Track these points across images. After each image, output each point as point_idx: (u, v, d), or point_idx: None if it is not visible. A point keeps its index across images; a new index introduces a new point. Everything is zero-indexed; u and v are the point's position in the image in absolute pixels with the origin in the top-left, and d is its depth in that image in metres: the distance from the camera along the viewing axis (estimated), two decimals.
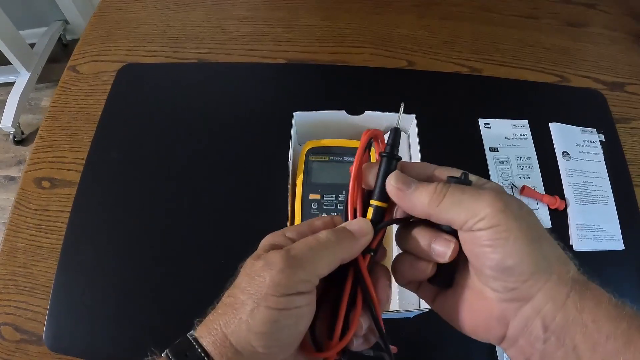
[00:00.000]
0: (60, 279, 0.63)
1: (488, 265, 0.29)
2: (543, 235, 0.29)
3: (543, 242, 0.28)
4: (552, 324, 0.27)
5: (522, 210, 0.29)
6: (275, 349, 0.29)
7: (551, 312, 0.27)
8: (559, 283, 0.27)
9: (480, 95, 0.81)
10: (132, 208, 0.68)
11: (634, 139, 0.78)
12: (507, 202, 0.28)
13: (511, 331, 0.29)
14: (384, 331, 0.33)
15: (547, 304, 0.27)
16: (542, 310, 0.27)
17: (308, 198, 0.59)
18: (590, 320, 0.26)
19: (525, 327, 0.28)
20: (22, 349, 0.60)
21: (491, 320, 0.30)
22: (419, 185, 0.31)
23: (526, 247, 0.27)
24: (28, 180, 0.71)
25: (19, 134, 1.79)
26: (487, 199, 0.28)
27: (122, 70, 0.82)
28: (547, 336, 0.27)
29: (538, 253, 0.28)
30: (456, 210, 0.29)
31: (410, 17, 0.91)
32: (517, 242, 0.27)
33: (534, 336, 0.28)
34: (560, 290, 0.27)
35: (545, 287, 0.27)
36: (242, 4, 0.93)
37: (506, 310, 0.29)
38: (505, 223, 0.27)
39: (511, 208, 0.28)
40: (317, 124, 0.64)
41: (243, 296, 0.29)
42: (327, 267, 0.30)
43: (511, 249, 0.27)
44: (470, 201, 0.28)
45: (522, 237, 0.27)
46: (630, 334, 0.25)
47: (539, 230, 0.29)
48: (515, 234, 0.27)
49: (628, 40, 0.91)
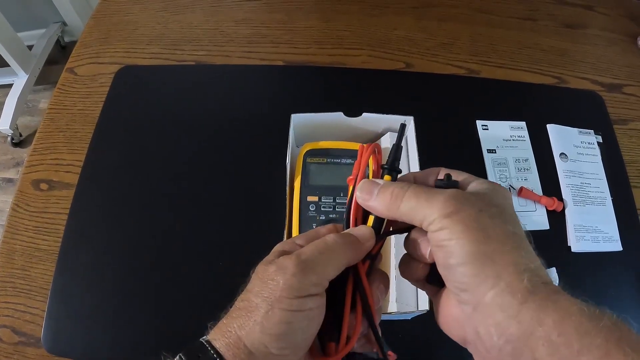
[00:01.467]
0: (58, 281, 0.63)
1: (440, 264, 0.30)
2: (501, 240, 0.28)
3: (495, 246, 0.27)
4: (506, 334, 0.26)
5: (480, 213, 0.28)
6: (287, 351, 0.29)
7: (503, 321, 0.26)
8: (507, 291, 0.26)
9: (478, 97, 0.81)
10: (130, 210, 0.68)
11: (632, 140, 0.78)
12: (459, 207, 0.28)
13: (468, 334, 0.29)
14: (381, 338, 0.34)
15: (498, 312, 0.26)
16: (494, 318, 0.27)
17: (306, 200, 0.59)
18: (555, 334, 0.25)
19: (478, 332, 0.28)
20: (20, 352, 0.60)
21: (452, 320, 0.32)
22: (380, 191, 0.32)
23: (468, 248, 0.27)
24: (26, 182, 0.71)
25: (16, 136, 1.79)
26: (438, 203, 0.29)
27: (120, 72, 0.82)
28: (502, 345, 0.26)
29: (482, 255, 0.27)
30: (413, 213, 0.30)
31: (408, 19, 0.92)
32: (460, 243, 0.28)
33: (489, 343, 0.27)
34: (510, 300, 0.26)
35: (492, 293, 0.27)
36: (240, 6, 0.93)
37: (462, 313, 0.30)
38: (450, 226, 0.28)
39: (462, 212, 0.28)
40: (315, 126, 0.64)
41: (257, 299, 0.30)
42: (335, 269, 0.31)
43: (454, 249, 0.28)
44: (424, 206, 0.30)
45: (467, 239, 0.27)
46: (608, 348, 0.23)
47: (497, 233, 0.28)
48: (459, 235, 0.28)
49: (626, 41, 0.92)
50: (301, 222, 0.58)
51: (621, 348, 0.23)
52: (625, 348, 0.23)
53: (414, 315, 0.53)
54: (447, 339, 0.33)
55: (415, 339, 0.60)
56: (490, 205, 0.30)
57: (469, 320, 0.29)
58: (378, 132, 0.66)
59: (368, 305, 0.33)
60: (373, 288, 0.34)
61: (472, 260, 0.27)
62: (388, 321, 0.59)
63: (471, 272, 0.27)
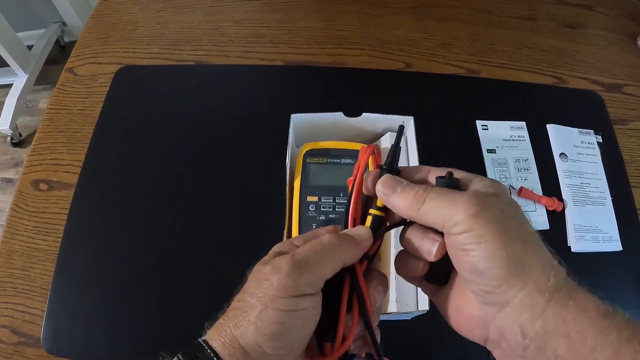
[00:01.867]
0: (58, 282, 0.63)
1: (464, 268, 0.29)
2: (524, 240, 0.28)
3: (521, 247, 0.28)
4: (531, 332, 0.27)
5: (502, 213, 0.28)
6: (283, 350, 0.29)
7: (529, 320, 0.27)
8: (535, 291, 0.27)
9: (478, 97, 0.81)
10: (130, 210, 0.68)
11: (632, 140, 0.78)
12: (483, 206, 0.28)
13: (492, 334, 0.29)
14: (377, 340, 0.34)
15: (525, 312, 0.27)
16: (520, 318, 0.27)
17: (306, 200, 0.59)
18: (574, 331, 0.25)
19: (504, 332, 0.28)
20: (19, 352, 0.60)
21: (473, 320, 0.31)
22: (403, 190, 0.32)
23: (498, 252, 0.27)
24: (25, 182, 0.71)
25: (16, 136, 1.79)
26: (462, 204, 0.28)
27: (120, 72, 0.82)
28: (527, 344, 0.27)
29: (512, 258, 0.27)
30: (434, 215, 0.30)
31: (408, 19, 0.92)
32: (489, 247, 0.27)
33: (513, 342, 0.28)
34: (537, 299, 0.27)
35: (521, 294, 0.27)
36: (239, 6, 0.93)
37: (485, 313, 0.29)
38: (477, 228, 0.28)
39: (487, 213, 0.28)
40: (315, 126, 0.64)
41: (252, 299, 0.30)
42: (331, 269, 0.31)
43: (483, 253, 0.27)
44: (447, 207, 0.29)
45: (495, 242, 0.27)
46: (619, 345, 0.24)
47: (520, 234, 0.28)
48: (487, 238, 0.27)
49: (626, 41, 0.92)
50: (301, 222, 0.58)
51: (632, 345, 0.24)
52: (636, 345, 0.24)
53: (413, 315, 0.53)
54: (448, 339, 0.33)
55: (415, 339, 0.59)
56: (508, 204, 0.30)
57: (493, 321, 0.29)
58: (378, 132, 0.66)
59: (364, 305, 0.33)
60: (370, 289, 0.34)
61: (503, 265, 0.27)
62: (388, 321, 0.59)
63: (502, 276, 0.27)
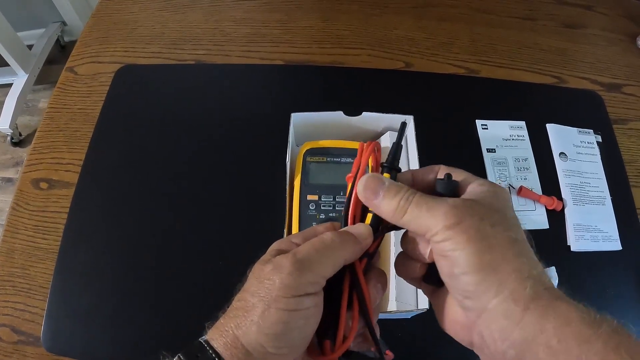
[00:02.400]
0: (58, 280, 0.63)
1: (444, 273, 0.30)
2: (503, 247, 0.28)
3: (498, 255, 0.28)
4: (510, 339, 0.27)
5: (482, 222, 0.29)
6: (285, 350, 0.29)
7: (507, 328, 0.27)
8: (510, 299, 0.27)
9: (478, 96, 0.81)
10: (130, 209, 0.68)
11: (631, 140, 0.78)
12: (461, 218, 0.28)
13: (475, 339, 0.30)
14: (377, 337, 0.34)
15: (501, 319, 0.27)
16: (497, 324, 0.27)
17: (306, 199, 0.59)
18: (555, 340, 0.25)
19: (484, 337, 0.28)
20: (19, 350, 0.60)
21: (458, 325, 0.32)
22: (385, 195, 0.32)
23: (472, 258, 0.28)
24: (26, 181, 0.71)
25: (16, 136, 1.79)
26: (440, 215, 0.29)
27: (120, 72, 0.82)
28: (506, 350, 0.27)
29: (486, 265, 0.27)
30: (416, 224, 0.31)
31: (408, 19, 0.92)
32: (464, 254, 0.28)
33: (493, 348, 0.28)
34: (513, 307, 0.27)
35: (496, 301, 0.27)
36: (239, 5, 0.93)
37: (467, 319, 0.30)
38: (454, 237, 0.28)
39: (464, 223, 0.28)
40: (315, 125, 0.64)
41: (253, 299, 0.30)
42: (332, 268, 0.31)
43: (458, 260, 0.28)
44: (427, 216, 0.30)
45: (470, 249, 0.28)
46: (606, 354, 0.24)
47: (499, 242, 0.28)
48: (463, 246, 0.28)
49: (625, 41, 0.92)
50: (301, 221, 0.58)
51: (619, 354, 0.24)
52: (623, 354, 0.24)
53: (413, 314, 0.53)
54: (447, 338, 0.33)
55: (415, 338, 0.60)
56: (492, 212, 0.30)
57: (474, 326, 0.29)
58: (378, 131, 0.66)
59: (365, 303, 0.33)
60: (370, 286, 0.34)
61: (476, 270, 0.28)
62: (387, 320, 0.59)
63: (475, 281, 0.28)
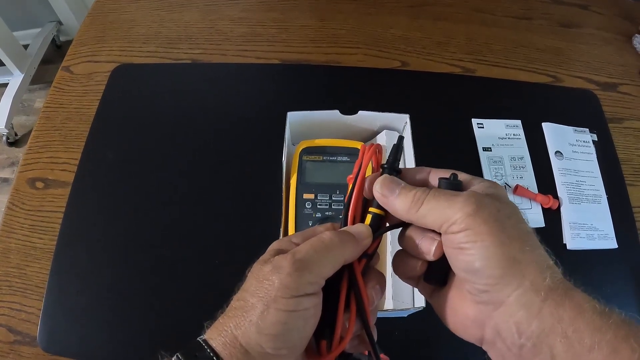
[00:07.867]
0: (54, 280, 0.63)
1: (460, 267, 0.30)
2: (521, 239, 0.29)
3: (517, 246, 0.28)
4: (527, 331, 0.27)
5: (499, 213, 0.29)
6: (284, 351, 0.29)
7: (525, 319, 0.27)
8: (531, 290, 0.27)
9: (474, 95, 0.81)
10: (126, 208, 0.68)
11: (627, 138, 0.79)
12: (480, 206, 0.28)
13: (488, 334, 0.30)
14: (374, 340, 0.33)
15: (521, 311, 0.27)
16: (516, 316, 0.27)
17: (302, 198, 0.59)
18: (570, 330, 0.26)
19: (500, 331, 0.28)
20: (15, 350, 0.60)
21: (469, 320, 0.31)
22: (402, 192, 0.32)
23: (494, 250, 0.27)
24: (21, 180, 0.71)
25: (12, 136, 1.78)
26: (459, 204, 0.29)
27: (116, 71, 0.82)
28: (523, 342, 0.27)
29: (508, 257, 0.27)
30: (432, 215, 0.30)
31: (404, 18, 0.92)
32: (485, 245, 0.28)
33: (509, 341, 0.28)
34: (533, 298, 0.27)
35: (517, 293, 0.27)
36: (235, 4, 0.93)
37: (481, 313, 0.30)
38: (474, 227, 0.28)
39: (483, 212, 0.28)
40: (311, 124, 0.64)
41: (253, 299, 0.29)
42: (331, 268, 0.31)
43: (479, 251, 0.28)
44: (444, 207, 0.30)
45: (491, 241, 0.28)
46: (616, 344, 0.24)
47: (517, 233, 0.29)
48: (484, 237, 0.28)
49: (620, 40, 0.92)
50: (297, 220, 0.58)
51: (629, 344, 0.24)
52: (632, 344, 0.24)
53: (409, 312, 0.53)
54: (444, 336, 0.33)
55: (410, 336, 0.60)
56: (505, 205, 0.30)
57: (489, 320, 0.29)
58: (374, 130, 0.66)
59: (362, 304, 0.32)
60: (368, 288, 0.34)
61: (499, 263, 0.27)
62: (384, 318, 0.58)
63: (498, 274, 0.28)
